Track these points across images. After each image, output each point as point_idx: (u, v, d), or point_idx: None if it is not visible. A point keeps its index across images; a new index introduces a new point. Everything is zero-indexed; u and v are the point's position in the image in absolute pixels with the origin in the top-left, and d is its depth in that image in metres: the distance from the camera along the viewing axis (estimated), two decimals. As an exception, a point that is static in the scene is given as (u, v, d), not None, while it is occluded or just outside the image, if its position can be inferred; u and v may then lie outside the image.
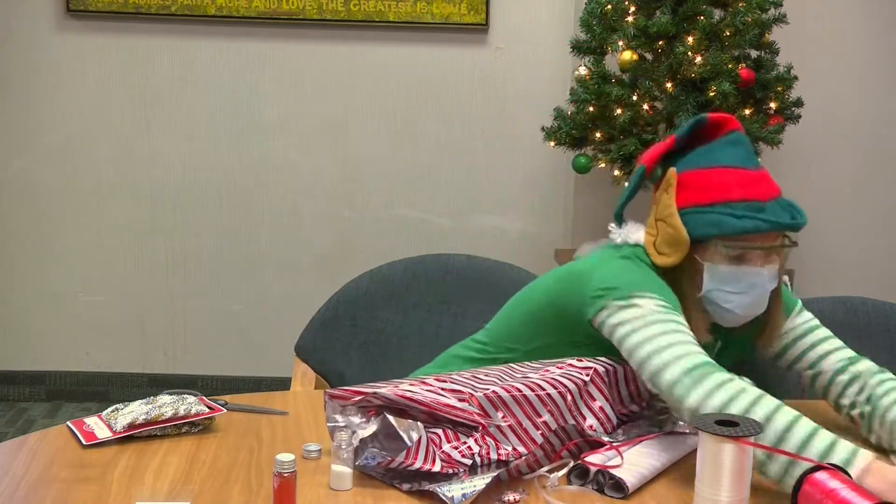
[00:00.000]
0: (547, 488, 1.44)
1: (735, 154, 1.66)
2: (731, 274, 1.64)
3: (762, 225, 1.61)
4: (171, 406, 1.60)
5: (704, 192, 1.63)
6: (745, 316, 1.68)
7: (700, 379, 1.47)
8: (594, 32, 3.15)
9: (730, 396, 1.44)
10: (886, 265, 3.75)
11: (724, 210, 1.62)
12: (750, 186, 1.64)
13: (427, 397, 1.52)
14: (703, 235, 1.63)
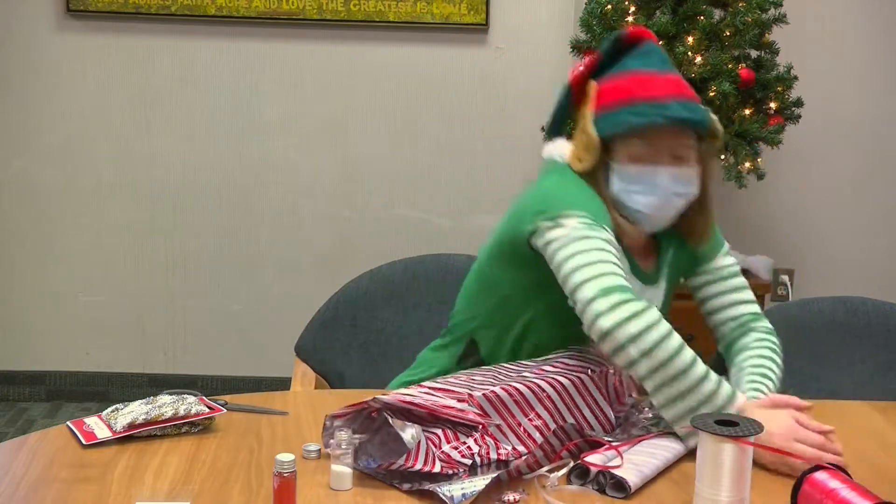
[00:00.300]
0: (547, 488, 1.44)
1: (646, 61, 1.73)
2: (636, 173, 1.69)
3: (658, 119, 1.66)
4: (171, 406, 1.60)
5: (614, 96, 1.70)
6: (656, 217, 1.73)
7: (616, 304, 1.54)
8: (594, 32, 3.15)
9: (642, 328, 1.52)
10: (886, 265, 3.75)
11: (627, 109, 1.68)
12: (654, 87, 1.69)
13: (427, 400, 1.52)
14: (609, 135, 1.70)
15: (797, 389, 2.05)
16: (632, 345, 1.53)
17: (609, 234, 1.65)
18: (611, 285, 1.56)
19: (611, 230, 1.66)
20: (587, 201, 1.69)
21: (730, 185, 3.19)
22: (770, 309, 2.13)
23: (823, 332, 2.09)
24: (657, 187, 1.69)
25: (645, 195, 1.70)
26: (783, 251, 3.67)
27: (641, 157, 1.69)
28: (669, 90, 1.69)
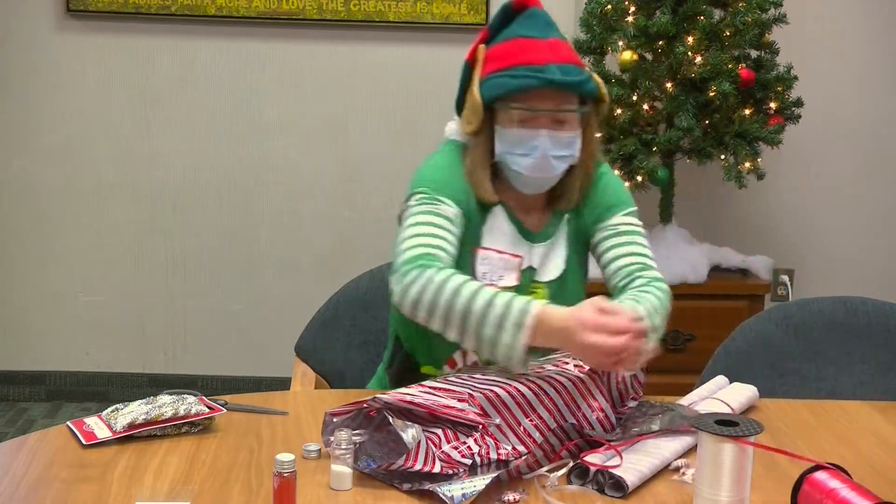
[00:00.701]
0: (547, 488, 1.44)
1: (529, 25, 1.77)
2: (517, 136, 1.74)
3: (533, 81, 1.70)
4: (171, 406, 1.60)
5: (497, 62, 1.75)
6: (533, 178, 1.77)
7: (405, 273, 1.65)
8: (594, 32, 3.15)
9: (420, 290, 1.63)
10: (886, 265, 3.75)
11: (506, 73, 1.73)
12: (535, 51, 1.73)
13: (427, 400, 1.52)
14: (490, 98, 1.74)
15: (797, 389, 2.06)
16: (417, 308, 1.63)
17: (446, 204, 1.74)
18: (412, 255, 1.67)
19: (453, 199, 1.74)
20: (433, 174, 1.79)
21: (730, 185, 3.19)
22: (770, 309, 2.13)
23: (823, 332, 2.09)
24: (536, 150, 1.73)
25: (524, 157, 1.75)
26: (783, 251, 3.67)
27: (521, 121, 1.74)
28: (548, 53, 1.73)
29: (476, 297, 1.61)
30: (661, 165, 3.10)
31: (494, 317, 1.59)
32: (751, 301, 3.24)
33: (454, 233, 1.74)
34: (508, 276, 1.80)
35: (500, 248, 1.81)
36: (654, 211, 3.38)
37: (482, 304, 1.60)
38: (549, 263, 1.85)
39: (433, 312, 1.63)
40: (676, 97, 3.08)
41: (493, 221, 1.81)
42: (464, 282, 1.63)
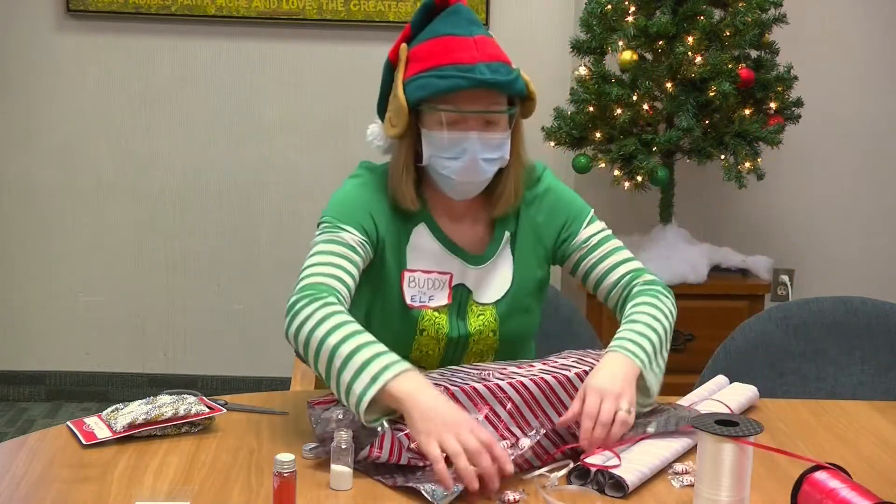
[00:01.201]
0: (547, 488, 1.44)
1: (453, 22, 1.69)
2: (445, 139, 1.67)
3: (462, 82, 1.63)
4: (171, 406, 1.60)
5: (422, 62, 1.68)
6: (463, 183, 1.70)
7: (291, 306, 1.61)
8: (594, 32, 3.15)
9: (297, 326, 1.57)
10: (886, 265, 3.74)
11: (433, 73, 1.65)
12: (461, 50, 1.65)
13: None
14: (416, 100, 1.67)
15: (797, 389, 2.06)
16: (296, 343, 1.58)
17: (348, 232, 1.69)
18: (303, 286, 1.63)
19: (356, 226, 1.70)
20: (339, 202, 1.74)
21: (730, 185, 3.19)
22: (770, 309, 2.13)
23: (823, 332, 2.09)
24: (466, 153, 1.67)
25: (453, 161, 1.68)
26: (783, 251, 3.67)
27: (450, 123, 1.66)
28: (476, 52, 1.65)
29: (340, 347, 1.51)
30: (661, 165, 3.10)
31: (356, 363, 1.48)
32: (751, 301, 3.24)
33: (354, 261, 1.68)
34: (439, 295, 1.74)
35: (427, 267, 1.75)
36: (654, 211, 3.38)
37: (350, 348, 1.50)
38: (491, 284, 1.78)
39: (306, 352, 1.56)
40: (676, 97, 3.08)
41: (416, 240, 1.75)
42: (343, 322, 1.54)
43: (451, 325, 1.75)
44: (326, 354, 1.52)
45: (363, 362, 1.48)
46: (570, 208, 1.86)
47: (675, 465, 1.52)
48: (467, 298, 1.77)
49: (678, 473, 1.50)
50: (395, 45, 1.74)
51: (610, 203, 3.47)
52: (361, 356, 1.49)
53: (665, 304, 1.76)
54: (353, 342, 1.51)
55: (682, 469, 1.51)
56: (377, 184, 1.79)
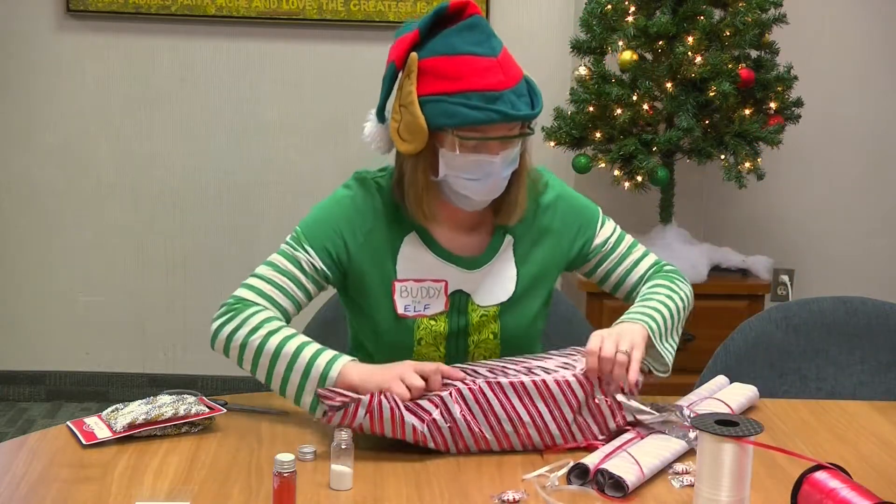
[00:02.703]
0: (547, 488, 1.44)
1: (472, 39, 1.64)
2: (467, 162, 1.65)
3: (495, 116, 1.61)
4: (171, 406, 1.60)
5: (444, 82, 1.63)
6: (480, 202, 1.72)
7: (229, 311, 1.67)
8: (594, 32, 3.15)
9: (227, 334, 1.65)
10: (886, 265, 3.74)
11: (460, 100, 1.61)
12: (486, 75, 1.62)
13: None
14: (438, 125, 1.64)
15: (797, 389, 2.06)
16: (226, 350, 1.67)
17: (307, 254, 1.72)
18: (237, 296, 1.70)
19: (320, 250, 1.73)
20: (313, 220, 1.78)
21: (730, 185, 3.19)
22: (770, 309, 2.13)
23: (823, 332, 2.09)
24: (490, 176, 1.66)
25: (476, 182, 1.67)
26: (783, 251, 3.67)
27: (474, 147, 1.64)
28: (502, 76, 1.63)
29: (286, 342, 1.62)
30: (661, 165, 3.10)
31: (300, 364, 1.60)
32: (751, 301, 3.24)
33: (301, 283, 1.72)
34: (435, 303, 1.74)
35: (420, 276, 1.74)
36: (654, 211, 3.38)
37: (291, 350, 1.62)
38: (491, 287, 1.77)
39: (242, 352, 1.65)
40: (676, 97, 3.08)
41: (407, 250, 1.74)
42: (278, 328, 1.64)
43: (451, 327, 1.75)
44: (268, 357, 1.62)
45: (307, 362, 1.60)
46: (582, 214, 1.87)
47: (675, 465, 1.52)
48: (467, 302, 1.76)
49: (678, 473, 1.50)
50: (401, 48, 1.69)
51: (610, 203, 3.45)
52: (304, 356, 1.61)
53: (681, 289, 1.81)
54: (292, 344, 1.62)
55: (682, 469, 1.51)
56: (364, 198, 1.78)
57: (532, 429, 1.57)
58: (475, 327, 1.76)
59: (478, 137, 1.64)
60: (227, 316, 1.67)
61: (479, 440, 1.56)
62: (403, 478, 1.48)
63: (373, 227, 1.75)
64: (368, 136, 1.81)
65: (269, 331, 1.63)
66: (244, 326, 1.64)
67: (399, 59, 1.69)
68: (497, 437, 1.56)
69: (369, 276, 1.74)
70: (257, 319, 1.65)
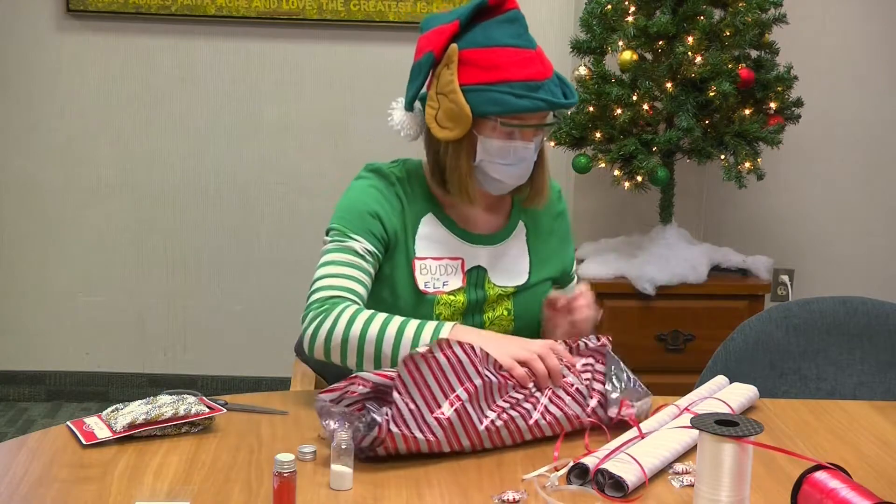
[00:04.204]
0: (547, 488, 1.44)
1: (512, 32, 1.74)
2: (504, 148, 1.74)
3: (540, 104, 1.71)
4: (171, 406, 1.60)
5: (486, 72, 1.71)
6: (511, 185, 1.81)
7: (308, 313, 1.69)
8: (594, 32, 3.15)
9: (317, 328, 1.67)
10: (886, 265, 3.75)
11: (506, 89, 1.70)
12: (527, 66, 1.72)
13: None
14: (483, 112, 1.72)
15: (797, 389, 2.06)
16: (328, 345, 1.67)
17: (355, 240, 1.76)
18: (318, 298, 1.70)
19: (364, 233, 1.77)
20: (345, 210, 1.81)
21: (730, 185, 3.19)
22: (770, 309, 2.13)
23: (823, 332, 2.09)
24: (523, 161, 1.76)
25: (510, 167, 1.76)
26: (783, 251, 3.67)
27: (511, 134, 1.74)
28: (541, 67, 1.73)
29: (387, 325, 1.65)
30: (661, 165, 3.10)
31: (407, 339, 1.63)
32: (751, 301, 3.24)
33: (365, 269, 1.76)
34: (453, 280, 1.81)
35: (437, 254, 1.82)
36: (654, 211, 3.38)
37: (391, 337, 1.64)
38: (506, 267, 1.86)
39: (344, 347, 1.66)
40: (676, 97, 3.08)
41: (424, 229, 1.83)
42: (372, 314, 1.67)
43: (469, 300, 1.82)
44: (373, 345, 1.64)
45: (414, 335, 1.63)
46: (570, 244, 2.01)
47: (675, 465, 1.52)
48: (484, 277, 1.84)
49: (678, 473, 1.50)
50: (440, 39, 1.74)
51: (610, 203, 3.48)
52: (409, 332, 1.63)
53: None
54: (394, 325, 1.65)
55: (682, 469, 1.51)
56: (384, 184, 1.84)
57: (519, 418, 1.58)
58: (490, 303, 1.84)
59: (518, 125, 1.73)
60: (319, 319, 1.68)
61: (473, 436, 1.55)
62: (403, 478, 1.48)
63: (396, 209, 1.82)
64: (398, 124, 1.86)
65: (366, 319, 1.66)
66: (339, 323, 1.66)
67: (438, 49, 1.74)
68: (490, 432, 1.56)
69: (397, 253, 1.81)
70: (349, 313, 1.67)
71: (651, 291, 3.14)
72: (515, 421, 1.57)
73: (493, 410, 1.56)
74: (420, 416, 1.49)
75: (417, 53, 1.79)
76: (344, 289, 1.72)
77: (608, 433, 1.61)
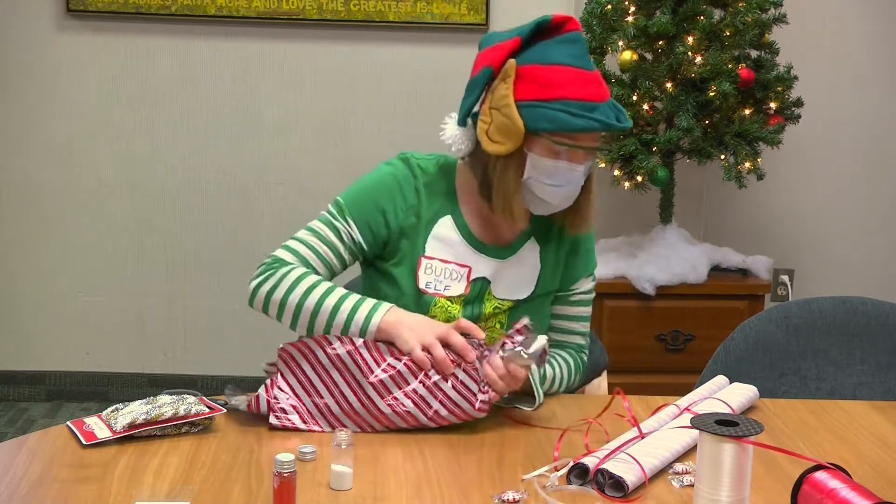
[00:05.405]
0: (547, 488, 1.44)
1: (572, 52, 1.71)
2: (552, 167, 1.72)
3: (595, 124, 1.68)
4: (171, 406, 1.60)
5: (543, 88, 1.69)
6: (556, 206, 1.78)
7: (266, 270, 1.74)
8: (594, 32, 3.15)
9: (271, 285, 1.72)
10: (886, 265, 3.75)
11: (561, 107, 1.68)
12: (585, 86, 1.69)
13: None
14: (537, 128, 1.69)
15: (797, 389, 2.06)
16: (265, 308, 1.72)
17: (346, 224, 1.78)
18: (275, 256, 1.76)
19: (360, 222, 1.79)
20: (355, 192, 1.82)
21: (730, 185, 3.19)
22: (770, 309, 2.13)
23: (823, 332, 2.09)
24: (571, 183, 1.73)
25: (557, 188, 1.73)
26: (783, 251, 3.67)
27: (559, 154, 1.71)
28: (599, 90, 1.71)
29: (326, 298, 1.68)
30: (661, 165, 3.10)
31: (340, 319, 1.67)
32: (751, 301, 3.24)
33: (337, 250, 1.79)
34: (455, 286, 1.80)
35: (446, 258, 1.81)
36: (654, 211, 3.38)
37: (333, 302, 1.68)
38: (511, 281, 1.84)
39: (282, 308, 1.71)
40: (676, 97, 3.08)
41: (439, 231, 1.81)
42: (315, 282, 1.70)
43: (464, 313, 1.81)
44: (308, 314, 1.69)
45: (347, 317, 1.67)
46: (589, 255, 1.93)
47: (675, 465, 1.52)
48: (486, 290, 1.83)
49: (678, 473, 1.50)
50: (500, 54, 1.71)
51: (610, 203, 3.47)
52: (343, 311, 1.67)
53: (573, 375, 1.91)
54: (332, 298, 1.69)
55: (682, 469, 1.51)
56: (407, 176, 1.84)
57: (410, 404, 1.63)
58: (485, 318, 1.83)
59: (570, 144, 1.69)
60: (265, 275, 1.73)
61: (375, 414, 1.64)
62: (403, 478, 1.48)
63: (413, 203, 1.81)
64: (450, 139, 1.84)
65: (308, 287, 1.70)
66: (281, 284, 1.71)
67: (497, 65, 1.72)
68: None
69: (403, 247, 1.80)
70: (293, 276, 1.71)
71: (651, 291, 3.14)
72: (411, 412, 1.63)
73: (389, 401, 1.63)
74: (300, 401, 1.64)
75: (474, 70, 1.76)
76: (302, 258, 1.76)
77: (608, 433, 1.61)
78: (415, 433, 1.63)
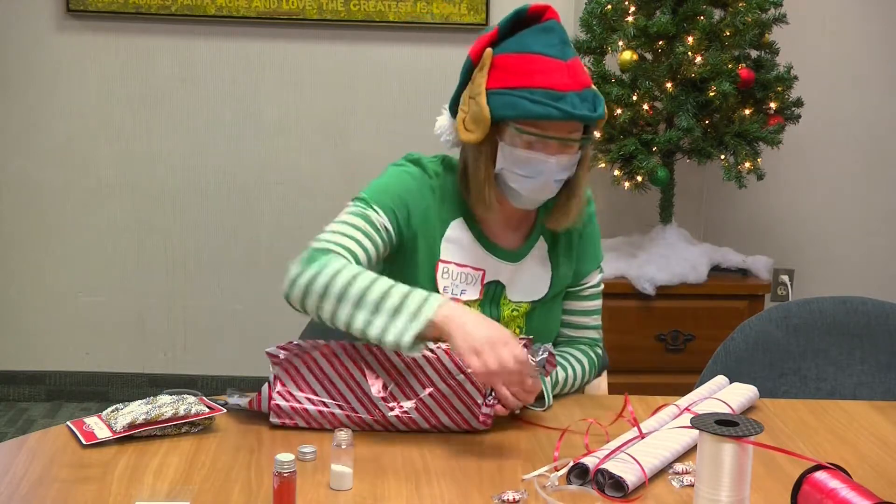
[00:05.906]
0: (547, 488, 1.44)
1: (546, 41, 1.69)
2: (522, 157, 1.69)
3: (554, 112, 1.64)
4: (171, 406, 1.60)
5: (512, 77, 1.68)
6: (530, 199, 1.75)
7: (311, 257, 1.69)
8: (594, 32, 3.15)
9: (312, 274, 1.66)
10: (886, 265, 3.75)
11: (523, 94, 1.66)
12: (552, 75, 1.66)
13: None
14: (501, 116, 1.68)
15: (797, 389, 2.06)
16: (305, 297, 1.67)
17: (375, 212, 1.76)
18: (317, 247, 1.72)
19: (386, 210, 1.76)
20: (378, 184, 1.82)
21: (730, 185, 3.19)
22: (770, 309, 2.13)
23: (823, 332, 2.09)
24: (542, 174, 1.70)
25: (527, 179, 1.71)
26: (783, 251, 3.67)
27: (531, 144, 1.68)
28: (568, 79, 1.66)
29: (373, 286, 1.61)
30: (661, 165, 3.10)
31: (390, 306, 1.59)
32: (751, 301, 3.24)
33: (374, 239, 1.74)
34: (470, 290, 1.79)
35: (461, 261, 1.79)
36: (654, 211, 3.38)
37: (378, 293, 1.60)
38: (525, 284, 1.83)
39: (323, 297, 1.64)
40: (676, 97, 3.08)
41: (452, 233, 1.80)
42: (355, 274, 1.63)
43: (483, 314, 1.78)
44: (351, 302, 1.61)
45: (399, 301, 1.59)
46: (595, 248, 1.92)
47: (675, 465, 1.52)
48: (501, 293, 1.82)
49: (678, 473, 1.50)
50: (480, 45, 1.72)
51: (610, 203, 3.48)
52: (393, 298, 1.59)
53: (587, 372, 1.90)
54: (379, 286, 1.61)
55: (682, 469, 1.51)
56: (420, 177, 1.82)
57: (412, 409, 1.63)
58: (505, 322, 1.81)
59: (537, 133, 1.67)
60: (304, 266, 1.68)
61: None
62: (403, 478, 1.48)
63: (428, 204, 1.80)
64: (438, 129, 1.84)
65: (354, 273, 1.63)
66: (324, 272, 1.65)
67: (475, 55, 1.73)
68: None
69: (420, 251, 1.78)
70: (336, 265, 1.66)
71: (651, 291, 3.14)
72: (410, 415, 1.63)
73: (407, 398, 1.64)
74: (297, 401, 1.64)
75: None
76: (343, 247, 1.70)
77: (607, 433, 1.61)
78: (415, 433, 1.64)
